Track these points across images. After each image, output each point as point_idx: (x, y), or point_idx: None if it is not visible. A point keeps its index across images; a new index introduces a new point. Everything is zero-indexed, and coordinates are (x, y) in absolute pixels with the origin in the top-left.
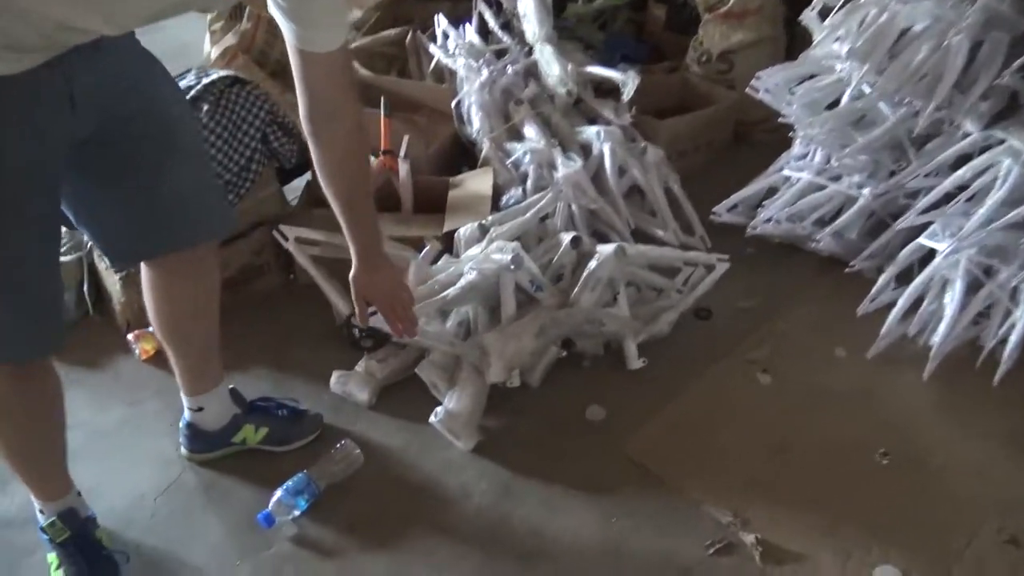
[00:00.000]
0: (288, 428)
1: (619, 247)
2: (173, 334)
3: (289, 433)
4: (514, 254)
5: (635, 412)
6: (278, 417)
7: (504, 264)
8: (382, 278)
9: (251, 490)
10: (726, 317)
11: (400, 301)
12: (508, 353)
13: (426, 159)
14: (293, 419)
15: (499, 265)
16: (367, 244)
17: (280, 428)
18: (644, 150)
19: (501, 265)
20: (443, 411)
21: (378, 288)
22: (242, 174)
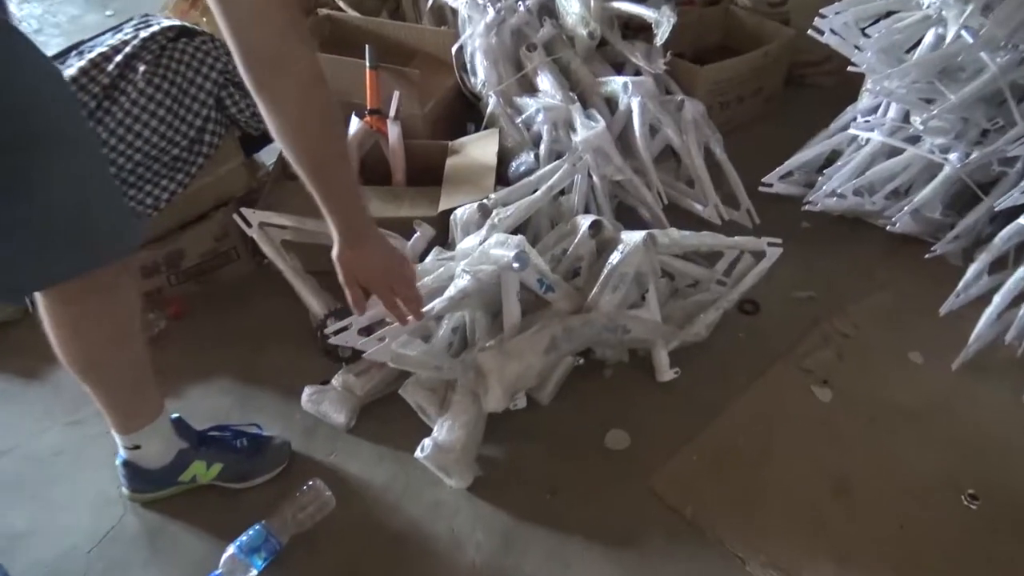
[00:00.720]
0: (248, 462)
1: (648, 236)
2: (89, 371)
3: (250, 467)
4: (518, 251)
5: (665, 437)
6: (236, 450)
7: (506, 263)
8: (372, 252)
9: (203, 539)
10: (777, 311)
11: (400, 278)
12: (509, 376)
13: (422, 119)
14: (255, 450)
15: (499, 264)
16: (348, 215)
17: (238, 462)
18: (681, 104)
19: (502, 264)
20: (431, 444)
21: (370, 265)
22: (194, 147)
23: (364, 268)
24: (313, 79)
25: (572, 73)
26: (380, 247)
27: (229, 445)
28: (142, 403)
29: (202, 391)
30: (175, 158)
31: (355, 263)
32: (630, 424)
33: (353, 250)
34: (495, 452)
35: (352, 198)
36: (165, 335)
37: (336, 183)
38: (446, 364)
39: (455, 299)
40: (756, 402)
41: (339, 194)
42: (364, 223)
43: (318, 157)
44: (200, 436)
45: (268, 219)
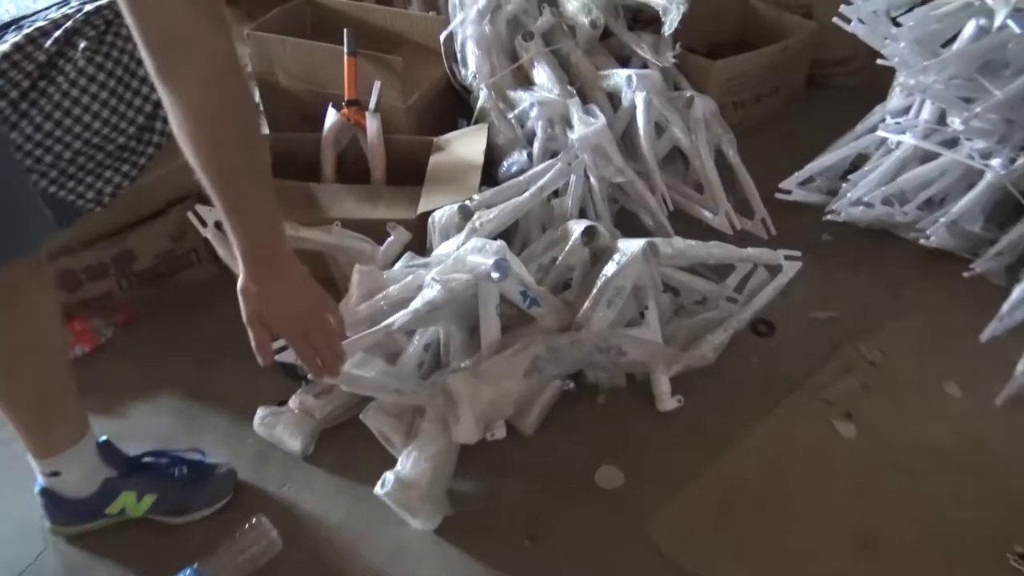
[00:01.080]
0: (187, 493)
1: (648, 245)
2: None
3: (188, 499)
4: (497, 259)
5: (664, 475)
6: (173, 479)
7: (483, 272)
8: (286, 290)
9: None
10: (793, 334)
11: (317, 326)
12: (483, 402)
13: (405, 112)
14: (195, 480)
15: (476, 273)
16: (257, 241)
17: (175, 494)
18: (690, 101)
19: (478, 273)
20: (393, 479)
21: (280, 305)
22: (143, 136)
23: (273, 308)
24: (225, 69)
25: (572, 66)
26: (296, 284)
27: (165, 473)
28: (60, 424)
29: (146, 409)
30: (121, 147)
31: (262, 300)
32: (625, 459)
33: (260, 285)
34: (468, 488)
35: (264, 221)
36: (111, 345)
37: (244, 199)
38: (409, 387)
39: (421, 312)
40: (770, 437)
41: (247, 213)
42: (277, 252)
43: (224, 163)
44: (132, 462)
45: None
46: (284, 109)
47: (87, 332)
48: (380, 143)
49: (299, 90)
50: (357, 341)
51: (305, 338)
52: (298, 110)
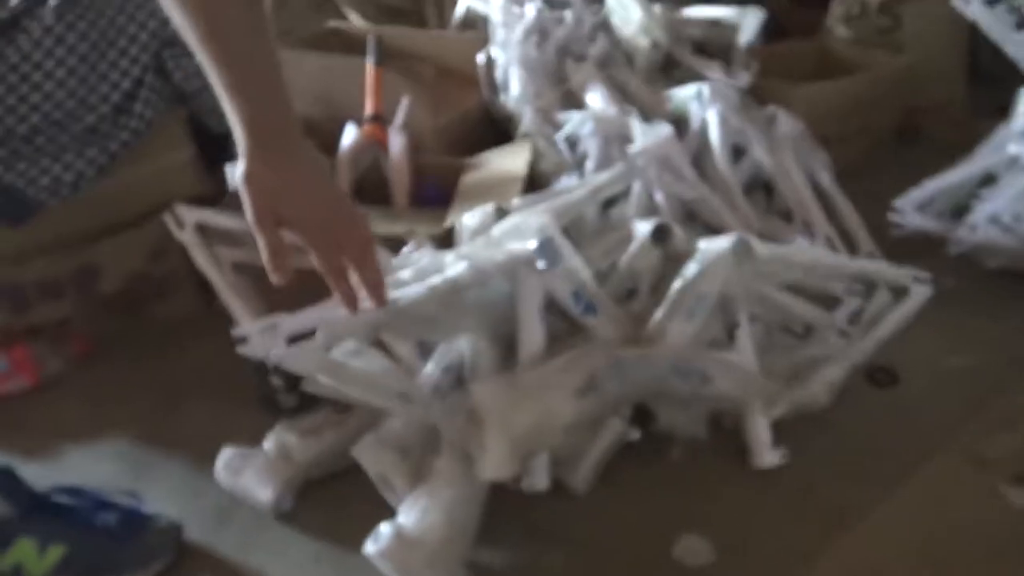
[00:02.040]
0: (111, 549)
1: (740, 241)
2: None
3: (113, 558)
4: (543, 238)
5: (769, 551)
6: (92, 529)
7: (523, 256)
8: (308, 181)
9: None
10: (923, 385)
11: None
12: (520, 424)
13: (435, 133)
14: (124, 533)
15: (514, 258)
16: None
17: (95, 548)
18: (774, 117)
19: (517, 258)
20: (391, 533)
21: (302, 200)
22: (119, 119)
23: (293, 199)
24: None
25: (630, 95)
26: (319, 174)
27: (82, 520)
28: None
29: (86, 453)
30: (90, 128)
31: (277, 188)
32: (713, 529)
33: (273, 168)
34: (496, 560)
35: (268, 81)
36: (58, 381)
37: (240, 53)
38: (418, 396)
39: (439, 291)
40: (912, 507)
41: (247, 69)
42: (289, 126)
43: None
44: (37, 500)
45: (210, 221)
46: None
47: (28, 362)
48: (405, 163)
49: (316, 117)
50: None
51: (336, 247)
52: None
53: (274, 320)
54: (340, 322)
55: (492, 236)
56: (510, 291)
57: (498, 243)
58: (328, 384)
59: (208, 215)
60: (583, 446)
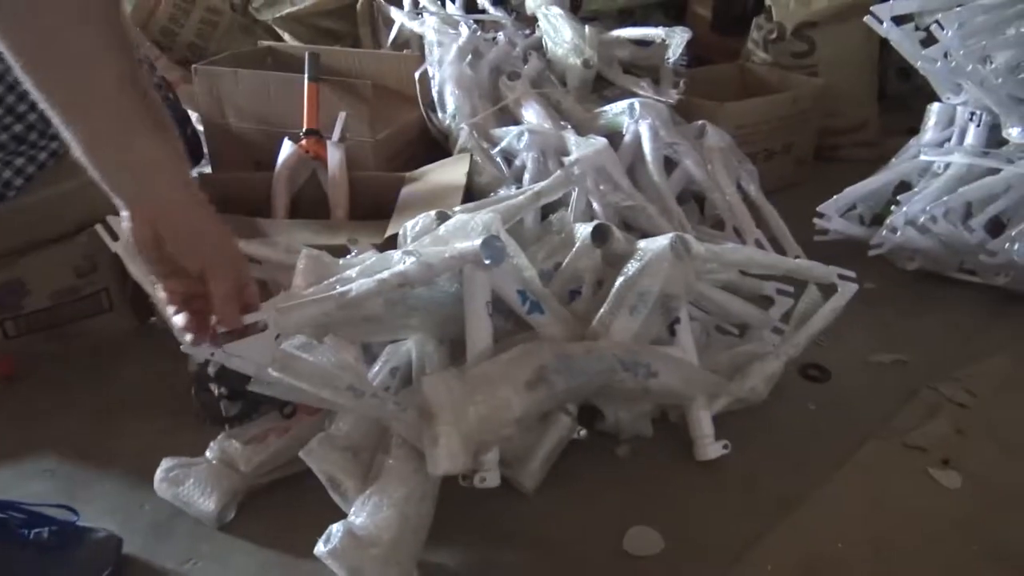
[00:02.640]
0: (42, 564)
1: (679, 238)
2: None
3: (43, 574)
4: (488, 235)
5: (718, 541)
6: (25, 543)
7: (470, 252)
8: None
9: None
10: (853, 379)
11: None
12: (472, 417)
13: (373, 148)
14: (59, 547)
15: (461, 254)
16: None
17: (26, 564)
18: (703, 130)
19: (464, 254)
20: (343, 531)
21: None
22: (46, 127)
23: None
24: None
25: (563, 112)
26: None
27: (14, 535)
28: None
29: (11, 472)
30: (16, 137)
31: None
32: (661, 520)
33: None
34: (449, 559)
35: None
36: None
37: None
38: (369, 389)
39: (388, 283)
40: (852, 492)
41: (83, 106)
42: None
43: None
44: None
45: None
46: (235, 155)
47: None
48: (344, 177)
49: (252, 132)
50: (294, 309)
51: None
52: (250, 155)
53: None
54: (291, 315)
55: (438, 235)
56: (456, 292)
57: (444, 241)
58: (276, 381)
59: None
60: (532, 444)
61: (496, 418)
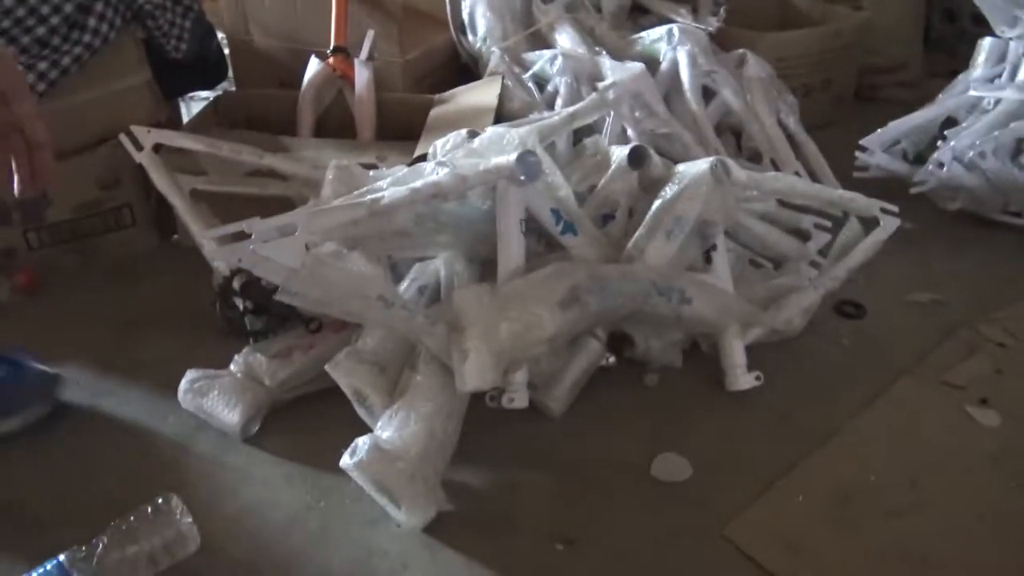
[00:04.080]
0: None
1: (719, 162)
2: None
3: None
4: (524, 150)
5: (747, 469)
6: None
7: (505, 168)
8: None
9: None
10: (889, 316)
11: (18, 89)
12: (504, 334)
13: (403, 68)
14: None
15: (496, 168)
16: None
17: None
18: (743, 58)
19: (499, 169)
20: (369, 444)
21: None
22: (72, 33)
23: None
24: None
25: (597, 38)
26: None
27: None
28: None
29: None
30: (39, 40)
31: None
32: (690, 449)
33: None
34: (474, 479)
35: None
36: (6, 311)
37: None
38: (399, 300)
39: (421, 193)
40: (885, 426)
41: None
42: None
43: None
44: None
45: (169, 141)
46: (259, 74)
47: None
48: (371, 97)
49: (277, 50)
50: (325, 214)
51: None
52: (275, 75)
53: (246, 222)
54: (321, 218)
55: (472, 148)
56: (488, 210)
57: (479, 155)
58: (302, 292)
59: (167, 135)
60: (560, 368)
61: (528, 335)
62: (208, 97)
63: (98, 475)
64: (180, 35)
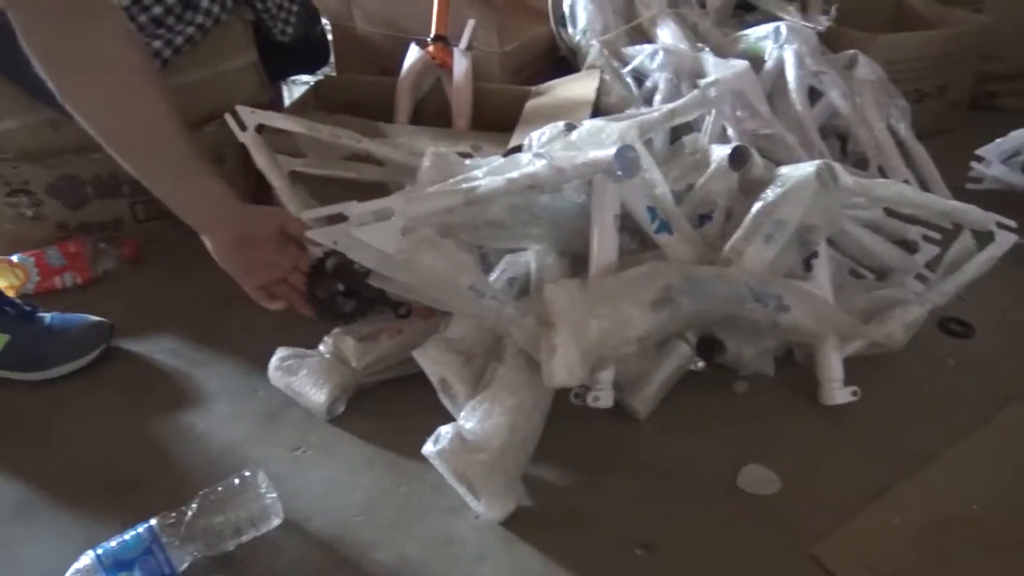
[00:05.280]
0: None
1: (825, 166)
2: None
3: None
4: (623, 145)
5: (839, 487)
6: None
7: (603, 161)
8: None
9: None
10: (999, 338)
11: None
12: (593, 331)
13: (500, 59)
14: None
15: (593, 162)
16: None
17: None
18: (853, 60)
19: (596, 162)
20: (451, 434)
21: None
22: (185, 12)
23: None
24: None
25: (701, 34)
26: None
27: (27, 316)
28: None
29: (140, 346)
30: (155, 19)
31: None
32: (778, 461)
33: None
34: (554, 477)
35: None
36: (111, 279)
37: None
38: (490, 291)
39: (516, 183)
40: (992, 452)
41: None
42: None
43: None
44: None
45: (271, 122)
46: (360, 60)
47: (82, 259)
48: (469, 86)
49: (378, 37)
50: (422, 199)
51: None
52: (376, 61)
53: (344, 205)
54: (418, 204)
55: (570, 140)
56: (582, 204)
57: (576, 148)
58: (395, 276)
59: (269, 117)
60: (648, 370)
61: (618, 334)
62: (309, 81)
63: (188, 443)
64: (287, 19)
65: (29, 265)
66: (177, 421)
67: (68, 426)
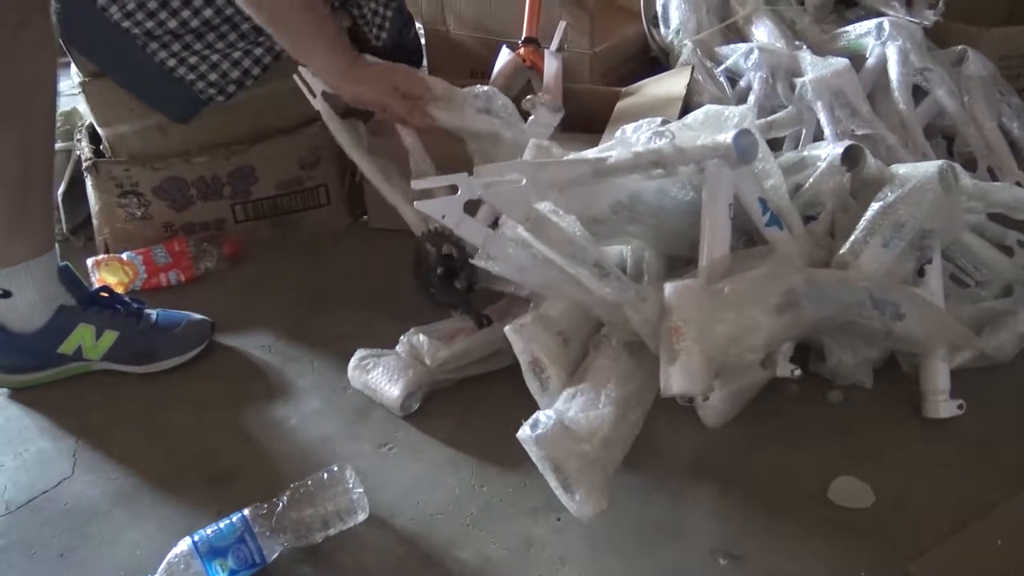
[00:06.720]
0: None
1: (947, 166)
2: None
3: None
4: (740, 129)
5: (936, 501)
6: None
7: (721, 144)
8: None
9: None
10: None
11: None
12: (720, 337)
13: (591, 60)
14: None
15: (712, 145)
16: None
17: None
18: (962, 55)
19: (715, 144)
20: (552, 420)
21: (373, 75)
22: None
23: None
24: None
25: (799, 32)
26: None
27: (133, 311)
28: (26, 229)
29: (237, 341)
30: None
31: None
32: (873, 474)
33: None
34: (638, 479)
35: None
36: (212, 277)
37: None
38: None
39: (643, 158)
40: None
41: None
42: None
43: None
44: (92, 296)
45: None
46: (452, 63)
47: (186, 257)
48: (559, 86)
49: (470, 40)
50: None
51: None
52: (467, 64)
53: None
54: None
55: (686, 122)
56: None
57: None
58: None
59: None
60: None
61: (743, 340)
62: None
63: (281, 437)
64: (382, 24)
65: (138, 263)
66: (271, 415)
67: (172, 416)
